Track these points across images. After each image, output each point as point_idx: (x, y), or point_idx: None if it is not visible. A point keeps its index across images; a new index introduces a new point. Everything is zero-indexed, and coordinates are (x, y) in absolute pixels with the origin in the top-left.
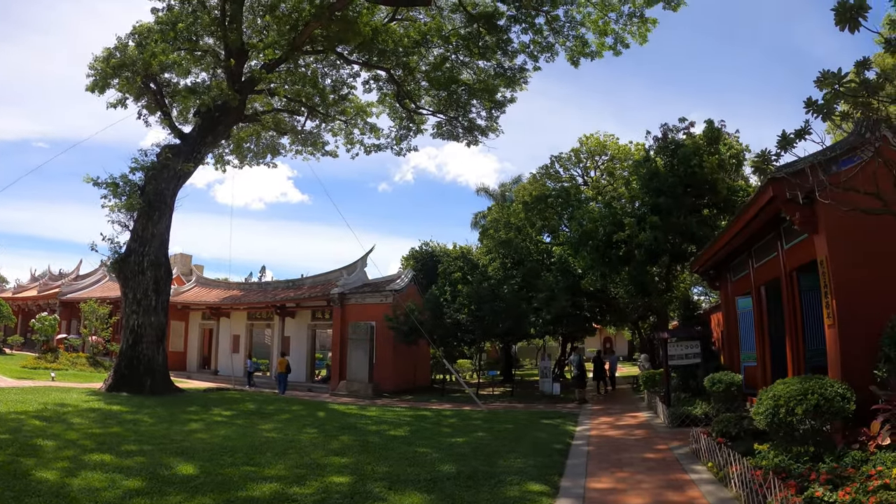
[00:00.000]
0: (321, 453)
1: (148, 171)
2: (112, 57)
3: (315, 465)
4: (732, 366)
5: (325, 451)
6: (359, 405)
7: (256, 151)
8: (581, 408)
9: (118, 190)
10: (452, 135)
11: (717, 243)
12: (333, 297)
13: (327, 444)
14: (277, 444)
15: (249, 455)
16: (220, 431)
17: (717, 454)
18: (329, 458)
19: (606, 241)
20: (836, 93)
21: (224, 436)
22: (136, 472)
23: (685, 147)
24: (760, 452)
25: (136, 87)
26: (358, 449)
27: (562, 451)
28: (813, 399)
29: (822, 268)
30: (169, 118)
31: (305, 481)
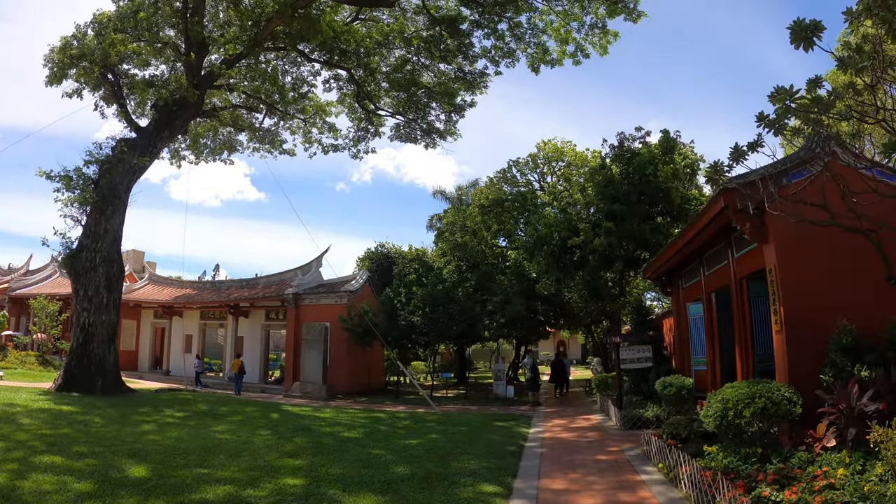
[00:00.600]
0: (275, 455)
1: (102, 164)
2: (69, 47)
3: (269, 468)
4: (683, 370)
5: (279, 453)
6: (313, 407)
7: (213, 147)
8: (535, 410)
9: (71, 183)
10: (410, 137)
11: (669, 250)
12: (288, 298)
13: (281, 445)
14: (231, 446)
15: (202, 457)
16: (173, 433)
17: (668, 455)
18: (283, 460)
19: (561, 246)
20: (787, 108)
21: (176, 437)
22: (88, 475)
23: (641, 156)
24: (710, 454)
25: (94, 78)
26: (312, 451)
27: (515, 452)
28: (760, 402)
29: (771, 276)
30: (125, 111)
31: (259, 483)
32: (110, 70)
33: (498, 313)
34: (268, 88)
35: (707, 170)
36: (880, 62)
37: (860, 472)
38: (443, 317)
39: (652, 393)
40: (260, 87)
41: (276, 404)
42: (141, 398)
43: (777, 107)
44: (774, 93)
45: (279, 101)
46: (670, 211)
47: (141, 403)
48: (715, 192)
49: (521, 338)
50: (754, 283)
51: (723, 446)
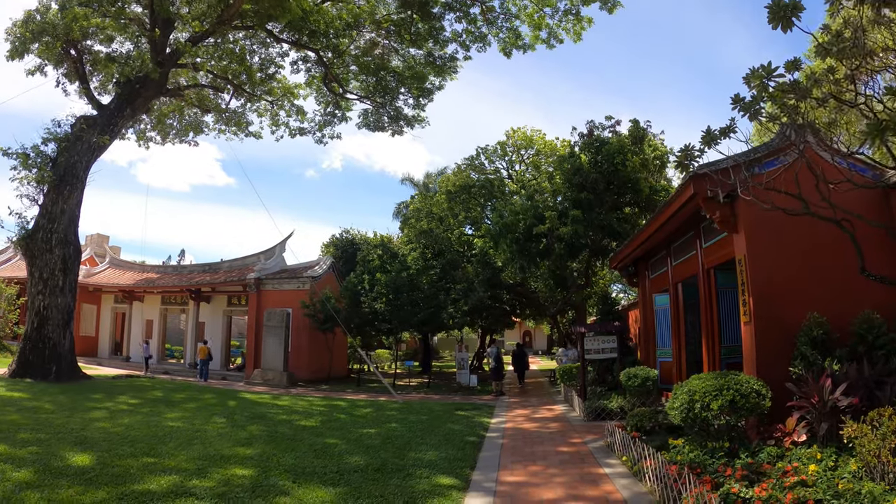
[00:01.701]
0: (227, 444)
1: (61, 142)
2: (31, 20)
3: (219, 457)
4: (648, 361)
5: (232, 442)
6: (272, 394)
7: (179, 129)
8: (498, 400)
9: (29, 161)
10: (378, 125)
11: (636, 239)
12: (250, 283)
13: (234, 434)
14: (182, 435)
15: (151, 445)
16: (124, 420)
17: (632, 448)
18: (234, 449)
19: (527, 234)
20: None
21: (127, 425)
22: (29, 463)
23: (610, 144)
24: (675, 447)
25: (56, 53)
26: (265, 440)
27: (475, 443)
28: (728, 395)
29: (741, 266)
30: (87, 88)
31: (207, 473)
32: (73, 46)
33: (462, 301)
34: (235, 69)
35: (677, 154)
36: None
37: (832, 469)
38: (406, 304)
39: (616, 384)
40: (227, 67)
41: (235, 391)
42: (96, 385)
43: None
44: (751, 73)
45: (246, 81)
46: (638, 202)
47: (95, 390)
48: (685, 178)
49: (487, 327)
50: (722, 274)
51: (689, 440)
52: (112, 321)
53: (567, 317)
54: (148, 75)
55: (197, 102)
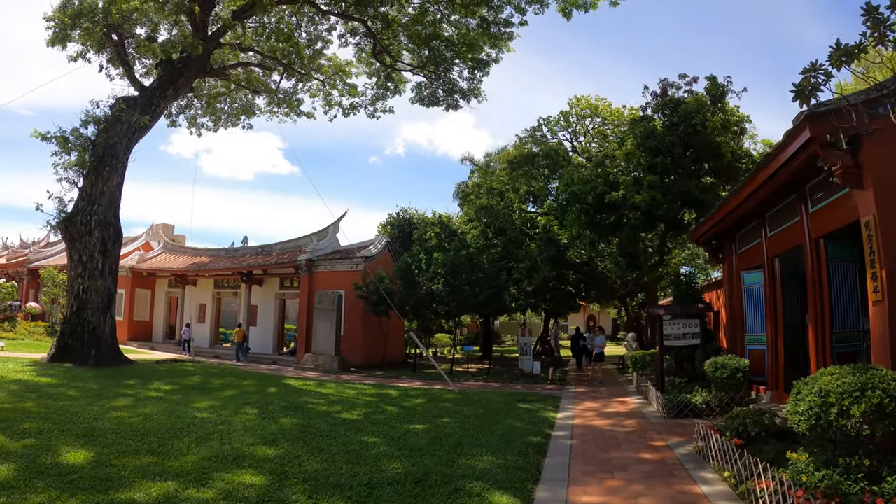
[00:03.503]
0: (250, 440)
1: (100, 123)
2: (69, 5)
3: (234, 457)
4: (735, 349)
5: (256, 438)
6: (319, 381)
7: (230, 113)
8: (563, 390)
9: (68, 144)
10: (433, 99)
11: (725, 206)
12: (301, 264)
13: (263, 428)
14: (203, 428)
15: (162, 441)
16: (146, 409)
17: (736, 461)
18: (255, 448)
19: (597, 205)
20: None
21: (146, 415)
22: (15, 459)
23: (687, 104)
24: (795, 463)
25: (97, 39)
26: (295, 436)
27: (539, 445)
28: (874, 396)
29: (868, 230)
30: (130, 71)
31: (210, 480)
32: (114, 30)
33: (524, 281)
34: (282, 47)
35: (802, 75)
36: None
37: None
38: (465, 284)
39: (698, 375)
40: (274, 46)
41: (279, 377)
42: (136, 370)
43: None
44: None
45: (296, 60)
46: (719, 169)
47: (133, 375)
48: (798, 120)
49: (550, 310)
50: (834, 245)
51: (812, 452)
52: (166, 305)
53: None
54: (190, 54)
55: (246, 84)
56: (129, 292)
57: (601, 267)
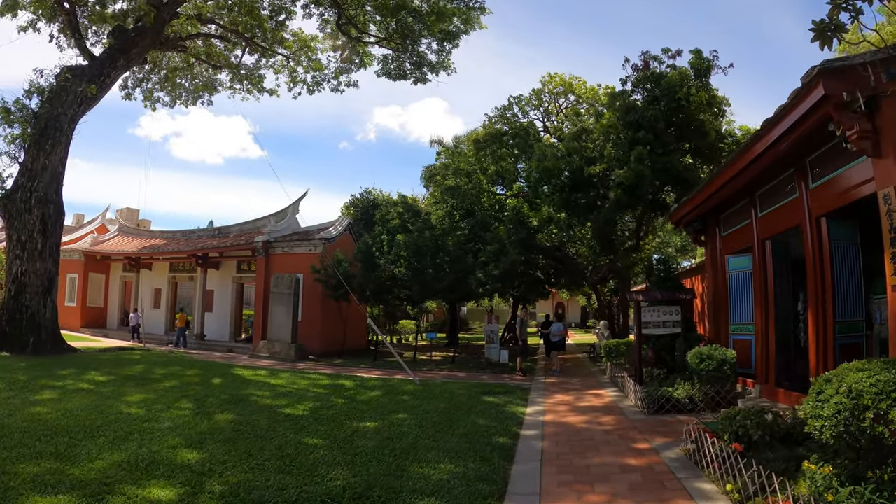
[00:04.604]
0: (174, 441)
1: (44, 94)
2: None
3: (149, 463)
4: (718, 339)
5: (181, 439)
6: (272, 370)
7: (190, 88)
8: (532, 380)
9: (10, 116)
10: (400, 72)
11: (714, 182)
12: (257, 246)
13: (193, 426)
14: (126, 425)
15: (75, 441)
16: (70, 404)
17: (741, 472)
18: (176, 452)
19: (572, 182)
20: None
21: (67, 410)
22: None
23: (670, 77)
24: (814, 476)
25: (49, 7)
26: (227, 436)
27: (506, 448)
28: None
29: (888, 204)
30: (81, 39)
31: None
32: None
33: (491, 264)
34: (245, 20)
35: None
36: None
37: None
38: (429, 267)
39: (678, 366)
40: (236, 17)
41: (229, 367)
42: (77, 359)
43: None
44: None
45: (258, 34)
46: (702, 148)
47: (70, 365)
48: (808, 76)
49: (518, 297)
50: (837, 224)
51: (837, 465)
52: (121, 291)
53: (609, 286)
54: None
55: (206, 58)
56: (83, 277)
57: (572, 252)
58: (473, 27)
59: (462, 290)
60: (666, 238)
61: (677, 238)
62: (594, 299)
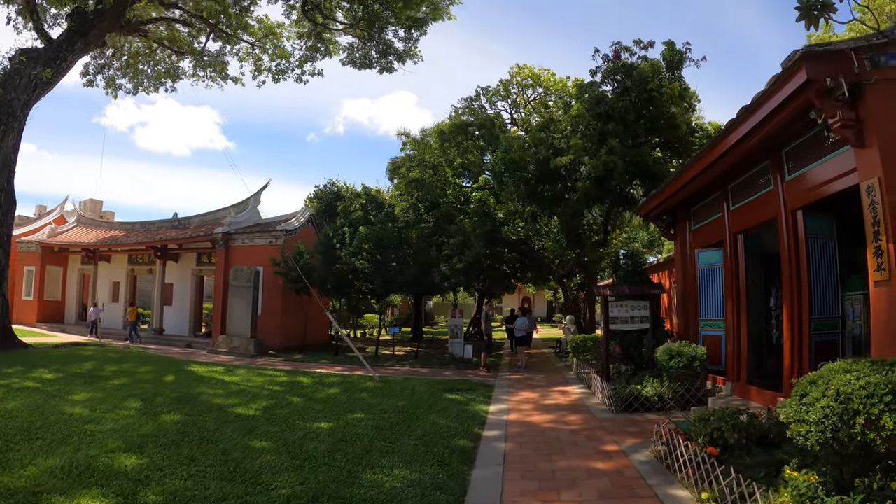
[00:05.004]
0: (114, 444)
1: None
2: None
3: (84, 469)
4: (687, 335)
5: (123, 442)
6: (228, 366)
7: (152, 75)
8: (497, 377)
9: None
10: (365, 61)
11: (686, 173)
12: (217, 238)
13: (137, 427)
14: (66, 427)
15: (11, 444)
16: (10, 404)
17: (719, 479)
18: (115, 457)
19: (539, 174)
20: None
21: (7, 411)
22: None
23: (642, 68)
24: (797, 485)
25: None
26: (171, 438)
27: (466, 451)
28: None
29: (871, 196)
30: (38, 22)
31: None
32: None
33: (456, 257)
34: (208, 5)
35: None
36: None
37: None
38: (392, 260)
39: (646, 362)
40: (200, 2)
41: (184, 363)
42: (26, 355)
43: None
44: None
45: (223, 20)
46: (672, 141)
47: (18, 362)
48: (790, 61)
49: (484, 290)
50: (814, 218)
51: (820, 471)
52: (79, 284)
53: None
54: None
55: (169, 44)
56: (40, 270)
57: (538, 245)
58: (442, 16)
59: (426, 284)
60: (633, 234)
61: (644, 233)
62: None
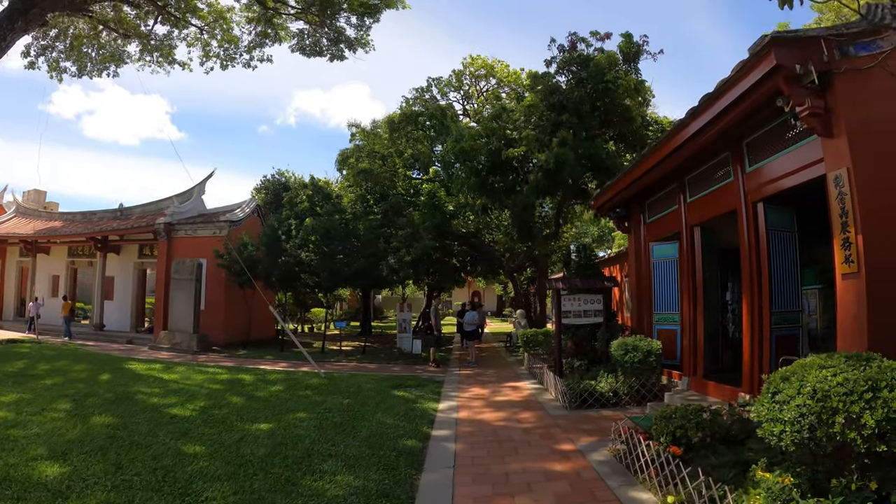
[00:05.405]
0: (38, 451)
1: None
2: None
3: None
4: (642, 329)
5: (46, 448)
6: (168, 364)
7: (97, 59)
8: (446, 372)
9: None
10: (315, 48)
11: (643, 164)
12: (159, 228)
13: (64, 432)
14: None
15: None
16: None
17: (686, 482)
18: (36, 466)
19: (490, 165)
20: None
21: None
22: None
23: (598, 60)
24: (770, 486)
25: None
26: (99, 443)
27: (415, 453)
28: (893, 399)
29: (840, 187)
30: None
31: None
32: None
33: (404, 250)
34: None
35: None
36: None
37: None
38: (339, 253)
39: (600, 357)
40: None
41: (123, 360)
42: None
43: None
44: None
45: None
46: (626, 135)
47: None
48: (758, 46)
49: (433, 284)
50: (775, 210)
51: (795, 472)
52: (17, 278)
53: (526, 274)
54: None
55: (115, 26)
56: None
57: (489, 239)
58: (395, 4)
59: (373, 277)
60: (583, 228)
61: (594, 228)
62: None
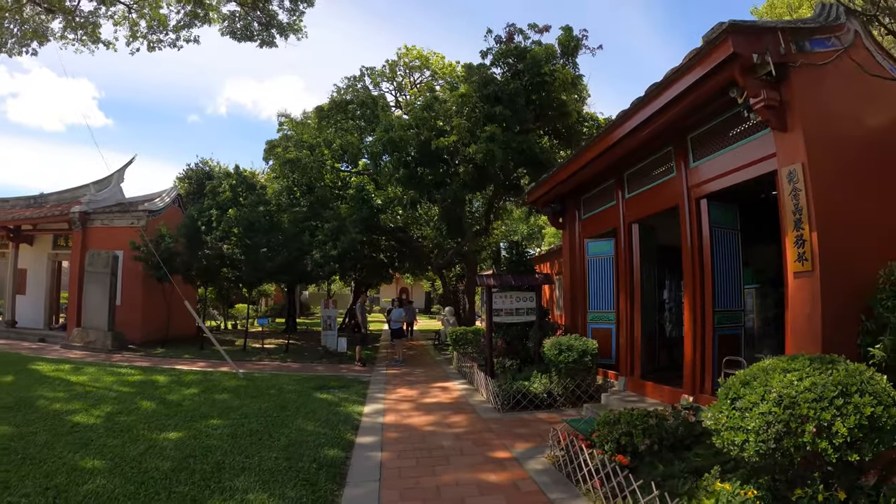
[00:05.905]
0: None
1: None
2: None
3: None
4: (576, 327)
5: None
6: (79, 364)
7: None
8: (372, 371)
9: None
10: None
11: (581, 157)
12: (74, 218)
13: None
14: None
15: None
16: None
17: (636, 495)
18: None
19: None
20: None
21: None
22: None
23: (535, 52)
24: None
25: None
26: None
27: (337, 464)
28: (865, 404)
29: (794, 183)
30: None
31: None
32: None
33: (329, 244)
34: None
35: None
36: None
37: None
38: (262, 246)
39: (532, 356)
40: None
41: (29, 360)
42: None
43: None
44: None
45: None
46: (561, 130)
47: None
48: (714, 33)
49: (360, 280)
50: (718, 207)
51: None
52: None
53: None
54: None
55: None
56: None
57: (417, 234)
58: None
59: (298, 272)
60: (513, 226)
61: (524, 226)
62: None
